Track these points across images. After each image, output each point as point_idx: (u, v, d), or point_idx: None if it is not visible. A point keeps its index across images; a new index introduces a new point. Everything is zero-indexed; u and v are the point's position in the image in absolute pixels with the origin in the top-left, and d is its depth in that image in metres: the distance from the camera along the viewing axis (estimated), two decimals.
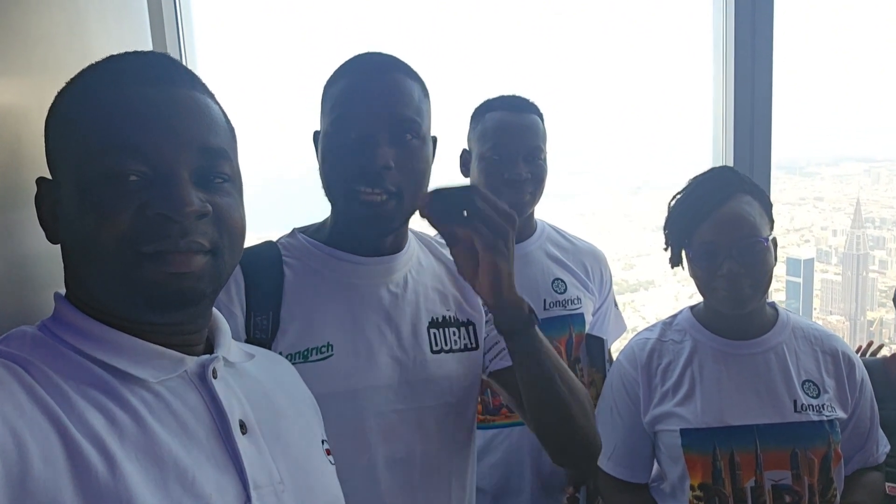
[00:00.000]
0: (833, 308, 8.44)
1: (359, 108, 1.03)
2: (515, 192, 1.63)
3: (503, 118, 1.66)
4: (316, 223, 1.19)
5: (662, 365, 1.48)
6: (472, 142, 1.72)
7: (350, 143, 1.03)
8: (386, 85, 1.04)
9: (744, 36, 2.02)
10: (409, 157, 1.05)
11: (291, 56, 13.22)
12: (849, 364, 1.47)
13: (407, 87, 1.06)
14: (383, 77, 1.05)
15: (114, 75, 0.74)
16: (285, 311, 1.06)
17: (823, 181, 8.02)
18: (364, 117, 1.03)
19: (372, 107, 1.03)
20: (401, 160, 1.03)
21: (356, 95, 1.04)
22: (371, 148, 1.02)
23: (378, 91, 1.04)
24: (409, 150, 1.05)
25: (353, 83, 1.06)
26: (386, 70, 1.06)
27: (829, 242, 8.54)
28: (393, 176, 1.03)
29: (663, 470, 1.49)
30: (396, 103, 1.04)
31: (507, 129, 1.64)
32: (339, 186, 1.07)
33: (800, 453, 1.37)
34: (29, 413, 0.62)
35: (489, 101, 1.71)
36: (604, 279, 1.85)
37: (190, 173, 0.73)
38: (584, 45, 14.02)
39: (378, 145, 1.02)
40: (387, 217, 1.05)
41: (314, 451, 0.88)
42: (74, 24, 1.12)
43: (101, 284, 0.72)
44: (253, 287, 1.06)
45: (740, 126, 2.05)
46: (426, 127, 1.09)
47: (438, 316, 1.16)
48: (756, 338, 1.46)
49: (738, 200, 1.40)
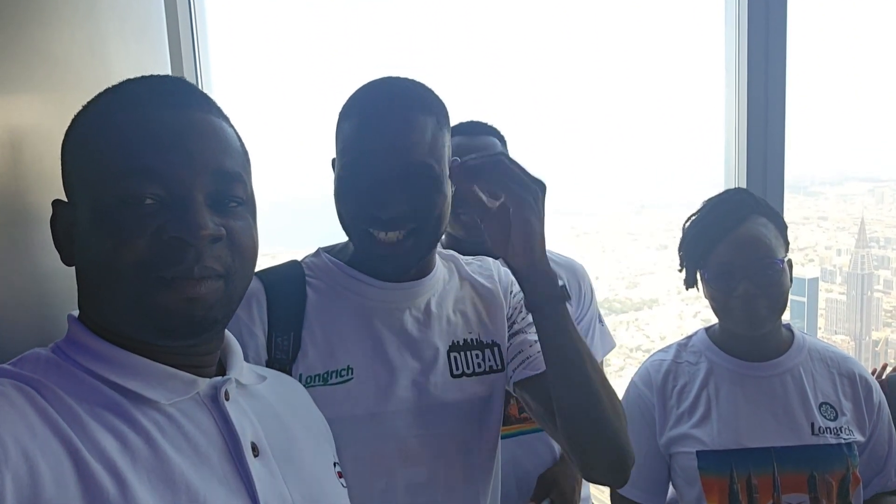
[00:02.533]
0: (838, 328, 8.40)
1: (370, 156, 1.00)
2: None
3: (459, 143, 1.62)
4: (340, 243, 1.18)
5: (678, 387, 1.47)
6: None
7: (363, 187, 1.01)
8: (397, 127, 1.00)
9: (757, 57, 2.03)
10: (424, 200, 1.02)
11: (308, 77, 13.19)
12: (866, 387, 1.46)
13: (419, 125, 1.01)
14: (394, 116, 1.00)
15: (130, 98, 0.74)
16: (307, 332, 1.05)
17: (828, 200, 8.01)
18: (376, 165, 0.99)
19: (382, 151, 0.99)
20: (414, 203, 1.01)
21: (367, 140, 1.00)
22: (385, 195, 0.99)
23: (389, 135, 0.99)
24: (424, 193, 1.02)
25: (363, 124, 1.01)
26: (398, 108, 1.01)
27: (834, 262, 8.51)
28: (409, 216, 1.01)
29: (679, 493, 1.47)
30: (409, 147, 0.99)
31: (464, 153, 1.64)
32: (354, 227, 1.05)
33: (818, 476, 1.35)
34: (41, 435, 0.62)
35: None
36: (582, 292, 1.82)
37: (205, 196, 0.73)
38: (590, 61, 13.93)
39: (392, 192, 0.99)
40: (405, 255, 1.03)
41: (326, 473, 0.88)
42: (95, 44, 1.12)
43: (115, 307, 0.72)
44: (275, 307, 1.05)
45: (753, 147, 2.05)
46: (442, 163, 1.05)
47: (460, 339, 1.14)
48: (772, 359, 1.45)
49: (754, 222, 1.40)
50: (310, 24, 12.15)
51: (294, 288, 1.08)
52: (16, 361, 0.71)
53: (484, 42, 11.49)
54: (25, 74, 0.95)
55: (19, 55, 0.94)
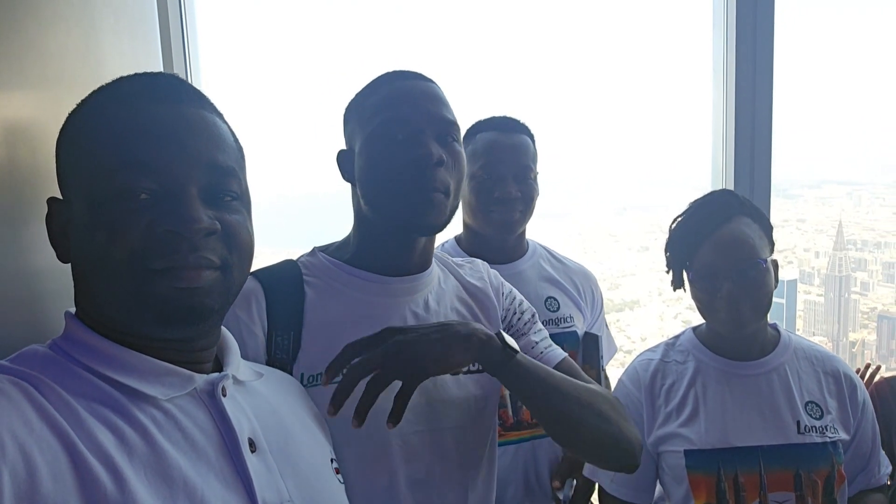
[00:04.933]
0: (816, 329, 8.50)
1: (405, 109, 1.06)
2: (506, 211, 1.65)
3: (493, 138, 1.67)
4: (336, 242, 1.18)
5: (666, 385, 1.49)
6: None
7: (399, 142, 1.05)
8: (425, 90, 1.09)
9: (745, 59, 2.05)
10: (455, 159, 1.08)
11: (300, 73, 12.98)
12: (850, 385, 1.48)
13: (443, 95, 1.11)
14: (421, 84, 1.10)
15: (123, 95, 0.75)
16: (306, 330, 1.05)
17: (806, 203, 8.11)
18: (413, 116, 1.06)
19: (418, 107, 1.06)
20: (449, 160, 1.06)
21: (399, 99, 1.07)
22: (423, 144, 1.05)
23: (421, 94, 1.08)
24: (454, 152, 1.08)
25: (392, 90, 1.08)
26: (421, 78, 1.11)
27: (812, 264, 8.62)
28: (442, 173, 1.05)
29: (666, 491, 1.48)
30: (439, 106, 1.08)
31: (498, 149, 1.66)
32: (387, 186, 1.06)
33: (803, 475, 1.37)
34: (38, 430, 0.62)
35: (480, 122, 1.73)
36: (595, 299, 1.86)
37: (198, 190, 0.73)
38: (576, 62, 13.89)
39: (428, 142, 1.05)
40: (439, 210, 1.07)
41: (323, 469, 0.88)
42: (90, 40, 1.12)
43: (112, 301, 0.73)
44: (274, 306, 1.05)
45: (741, 150, 2.07)
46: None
47: None
48: (758, 359, 1.47)
49: (738, 222, 1.41)
50: (300, 22, 11.96)
51: (292, 287, 1.08)
52: (13, 358, 0.71)
53: (468, 42, 11.37)
54: (20, 71, 0.95)
55: (14, 52, 0.93)
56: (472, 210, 1.69)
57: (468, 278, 1.23)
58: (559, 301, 1.75)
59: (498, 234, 1.68)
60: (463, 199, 1.71)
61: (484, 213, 1.66)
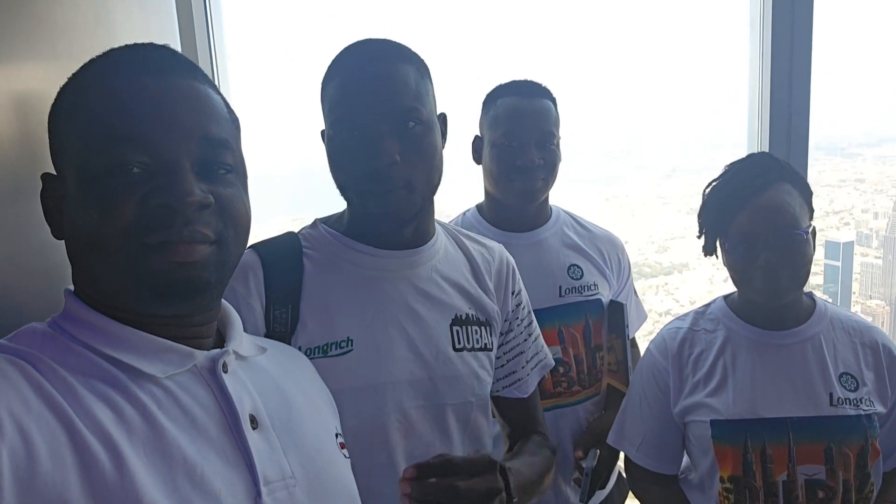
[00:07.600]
0: (873, 292, 8.23)
1: (355, 108, 1.02)
2: (528, 179, 1.61)
3: (514, 104, 1.62)
4: (336, 213, 1.17)
5: (694, 354, 1.45)
6: (483, 128, 1.70)
7: (353, 144, 1.02)
8: (379, 77, 1.02)
9: (782, 14, 1.95)
10: (415, 146, 1.03)
11: (324, 46, 12.97)
12: (889, 357, 1.42)
13: (401, 73, 1.03)
14: (375, 69, 1.02)
15: (113, 68, 0.73)
16: (305, 304, 1.05)
17: (865, 162, 7.79)
18: (362, 116, 1.01)
19: (368, 104, 1.01)
20: (406, 151, 1.02)
21: (350, 95, 1.02)
22: (373, 146, 1.00)
23: (372, 86, 1.01)
24: (414, 139, 1.03)
25: (345, 81, 1.04)
26: (377, 60, 1.03)
27: (870, 225, 8.30)
28: (400, 169, 1.01)
29: (693, 462, 1.46)
30: (393, 94, 1.02)
31: (519, 115, 1.61)
32: (350, 187, 1.06)
33: (835, 448, 1.33)
34: (36, 409, 0.62)
35: (500, 87, 1.68)
36: (622, 265, 1.81)
37: (192, 163, 0.72)
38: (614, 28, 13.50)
39: (380, 142, 1.00)
40: (401, 209, 1.04)
41: (328, 444, 0.88)
42: (100, 13, 1.12)
43: (107, 277, 0.72)
44: (272, 279, 1.05)
45: (777, 109, 1.97)
46: (429, 109, 1.06)
47: (462, 313, 1.14)
48: (792, 328, 1.42)
49: (778, 189, 1.35)
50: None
51: (291, 260, 1.08)
52: (12, 336, 0.72)
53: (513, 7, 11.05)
54: (28, 43, 0.95)
55: (22, 24, 0.93)
56: (493, 178, 1.66)
57: (477, 257, 1.22)
58: (583, 269, 1.71)
59: (520, 202, 1.65)
60: (484, 166, 1.68)
61: (505, 181, 1.62)
